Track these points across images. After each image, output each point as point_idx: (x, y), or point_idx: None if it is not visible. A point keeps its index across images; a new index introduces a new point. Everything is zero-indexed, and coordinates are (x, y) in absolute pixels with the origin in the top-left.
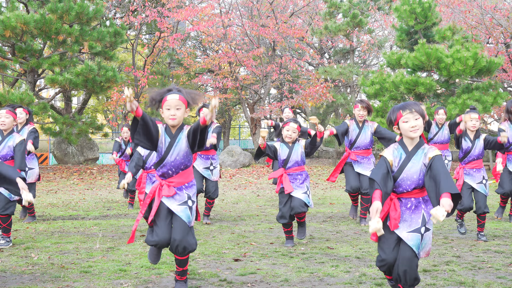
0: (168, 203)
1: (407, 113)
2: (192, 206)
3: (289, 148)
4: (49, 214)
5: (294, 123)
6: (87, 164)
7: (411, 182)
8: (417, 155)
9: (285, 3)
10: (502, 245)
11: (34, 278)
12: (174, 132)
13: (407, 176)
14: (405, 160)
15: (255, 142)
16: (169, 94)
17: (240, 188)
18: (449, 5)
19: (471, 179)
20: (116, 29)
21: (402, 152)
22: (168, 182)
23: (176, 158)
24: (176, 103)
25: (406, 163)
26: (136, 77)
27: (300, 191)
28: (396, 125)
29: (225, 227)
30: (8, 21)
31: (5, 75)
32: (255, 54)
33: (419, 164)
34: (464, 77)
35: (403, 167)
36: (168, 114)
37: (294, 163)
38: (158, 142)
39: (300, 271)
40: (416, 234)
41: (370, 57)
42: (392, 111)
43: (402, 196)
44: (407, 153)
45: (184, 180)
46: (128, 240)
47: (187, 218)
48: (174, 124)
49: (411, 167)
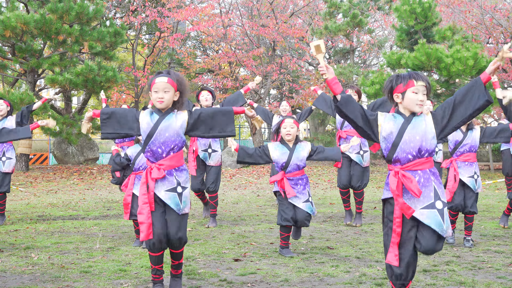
0: (156, 190)
1: (420, 84)
2: (183, 193)
3: (289, 150)
4: (49, 214)
5: (290, 119)
6: (87, 164)
7: (414, 144)
8: (416, 119)
9: (285, 3)
10: (502, 245)
11: (34, 278)
12: (164, 112)
13: (409, 138)
14: (404, 123)
15: (255, 142)
16: (158, 77)
17: (240, 188)
18: (449, 5)
19: (462, 172)
20: (116, 29)
21: (400, 117)
22: (158, 165)
23: (165, 135)
24: (164, 86)
25: (405, 125)
26: (136, 77)
27: (303, 199)
28: (400, 94)
29: (225, 227)
30: (8, 21)
31: (5, 75)
32: (255, 54)
33: (422, 125)
34: (464, 77)
35: (403, 129)
36: (156, 97)
37: (295, 167)
38: (137, 125)
39: (300, 271)
40: (431, 211)
41: (370, 57)
42: (399, 77)
43: (408, 167)
44: (405, 118)
45: (174, 164)
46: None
47: (176, 206)
48: (162, 107)
49: (412, 128)
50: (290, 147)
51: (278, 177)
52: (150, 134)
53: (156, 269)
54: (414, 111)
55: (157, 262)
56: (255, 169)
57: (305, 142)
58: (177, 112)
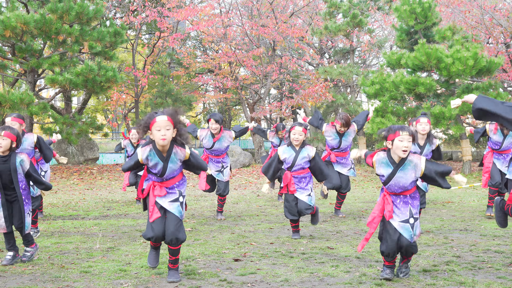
0: (161, 201)
1: (405, 134)
2: (183, 201)
3: (295, 152)
4: (49, 214)
5: (300, 126)
6: (87, 164)
7: (399, 187)
8: (404, 167)
9: (285, 3)
10: (502, 245)
11: (34, 278)
12: (165, 154)
13: (395, 183)
14: (392, 171)
15: (255, 142)
16: (157, 116)
17: (240, 188)
18: (449, 5)
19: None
20: (116, 29)
21: (390, 164)
22: (160, 184)
23: (169, 173)
24: (165, 124)
25: (394, 174)
26: (136, 77)
27: (305, 194)
28: (390, 141)
29: (225, 227)
30: (8, 21)
31: (5, 75)
32: (255, 54)
33: (407, 175)
34: (464, 77)
35: (391, 177)
36: (159, 135)
37: (300, 167)
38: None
39: (300, 271)
40: (406, 225)
41: (370, 57)
42: (390, 129)
43: (394, 194)
44: (394, 166)
45: (175, 181)
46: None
47: (179, 213)
48: (164, 144)
49: (399, 177)
50: (296, 150)
51: (287, 178)
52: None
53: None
54: (400, 156)
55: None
56: (255, 169)
57: (311, 147)
58: (176, 149)
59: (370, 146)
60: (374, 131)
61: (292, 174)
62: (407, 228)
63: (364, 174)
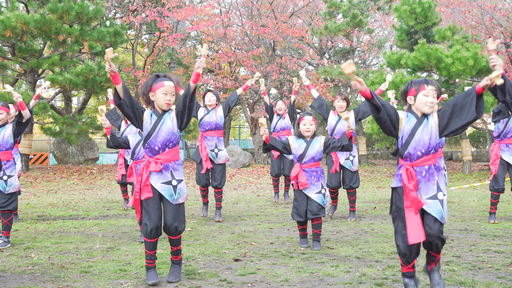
0: (153, 182)
1: (430, 88)
2: (177, 185)
3: (306, 142)
4: (49, 214)
5: (309, 116)
6: (87, 164)
7: (424, 143)
8: (427, 120)
9: (285, 3)
10: (502, 245)
11: (34, 278)
12: (161, 112)
13: (419, 138)
14: (416, 124)
15: (255, 142)
16: (165, 80)
17: (240, 188)
18: (449, 5)
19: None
20: (116, 29)
21: (412, 117)
22: (155, 159)
23: (162, 134)
24: (172, 90)
25: (417, 126)
26: (136, 77)
27: (315, 190)
28: (413, 96)
29: (225, 227)
30: (8, 21)
31: (5, 75)
32: (255, 54)
33: (431, 126)
34: (464, 77)
35: (414, 130)
36: (164, 99)
37: (310, 158)
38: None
39: (300, 271)
40: (434, 201)
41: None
42: (413, 82)
43: (416, 164)
44: (418, 118)
45: (171, 158)
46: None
47: (170, 196)
48: (167, 109)
49: (422, 129)
50: (307, 140)
51: (296, 170)
52: (150, 133)
53: (151, 254)
54: (424, 112)
55: (151, 248)
56: (255, 169)
57: (320, 136)
58: (170, 111)
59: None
60: (374, 131)
61: (301, 167)
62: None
63: (364, 174)
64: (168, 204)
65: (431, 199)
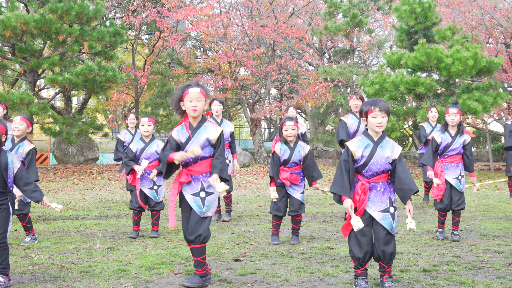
0: (184, 192)
1: (376, 110)
2: (206, 198)
3: (290, 149)
4: (49, 214)
5: (290, 121)
6: (87, 164)
7: (380, 165)
8: (383, 144)
9: (285, 3)
10: (502, 245)
11: (34, 278)
12: (195, 125)
13: (377, 161)
14: (373, 147)
15: (255, 142)
16: (190, 87)
17: (240, 188)
18: (449, 5)
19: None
20: (116, 29)
21: (369, 141)
22: (187, 170)
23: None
24: (197, 96)
25: (375, 149)
26: (136, 77)
27: (299, 191)
28: (365, 117)
29: (225, 227)
30: (8, 21)
31: (5, 75)
32: (255, 54)
33: (387, 152)
34: (464, 77)
35: (372, 153)
36: (190, 106)
37: (293, 163)
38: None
39: (300, 271)
40: (386, 214)
41: (370, 57)
42: (365, 104)
43: (372, 181)
44: (374, 142)
45: (201, 170)
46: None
47: (198, 208)
48: (195, 115)
49: (380, 152)
50: (291, 146)
51: (286, 174)
52: (183, 147)
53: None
54: (375, 131)
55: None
56: (255, 169)
57: (305, 145)
58: (209, 124)
59: None
60: None
61: (285, 171)
62: (387, 219)
63: None
64: (195, 215)
65: (383, 212)
